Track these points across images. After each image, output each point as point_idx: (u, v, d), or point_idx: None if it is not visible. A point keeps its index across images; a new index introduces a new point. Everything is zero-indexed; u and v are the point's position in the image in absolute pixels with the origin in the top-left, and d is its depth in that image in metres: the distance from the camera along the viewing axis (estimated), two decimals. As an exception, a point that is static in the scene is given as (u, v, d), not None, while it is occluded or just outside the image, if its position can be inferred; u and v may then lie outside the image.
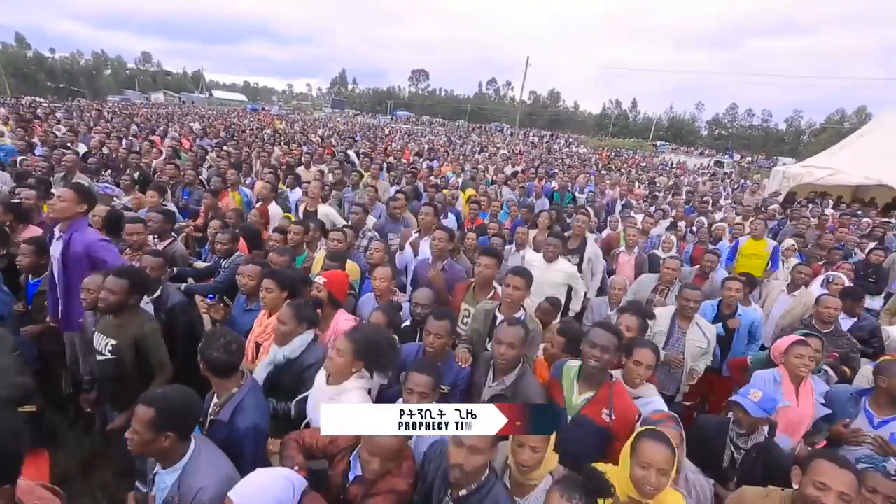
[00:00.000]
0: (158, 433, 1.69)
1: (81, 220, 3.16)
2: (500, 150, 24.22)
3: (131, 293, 2.52)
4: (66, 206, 3.05)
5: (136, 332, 2.52)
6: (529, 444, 1.80)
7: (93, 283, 2.77)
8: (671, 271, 4.46)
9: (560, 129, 68.40)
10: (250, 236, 4.39)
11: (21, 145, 7.92)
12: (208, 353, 2.08)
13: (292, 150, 11.34)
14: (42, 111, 18.77)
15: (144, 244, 3.83)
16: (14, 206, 4.13)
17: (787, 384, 2.70)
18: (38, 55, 71.23)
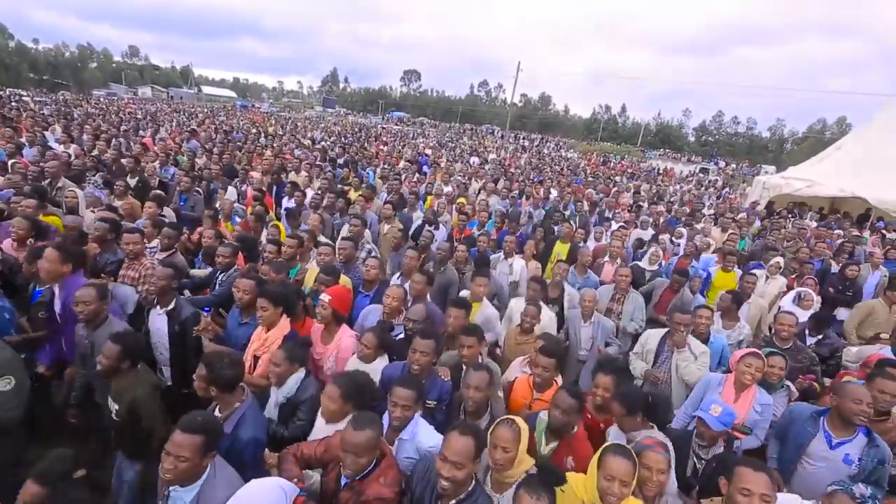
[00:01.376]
0: (205, 456, 1.84)
1: (74, 276, 3.29)
2: (491, 155, 24.49)
3: (123, 358, 2.60)
4: (51, 267, 3.16)
5: (130, 399, 2.59)
6: (500, 445, 2.04)
7: (86, 295, 2.92)
8: (624, 278, 4.72)
9: (550, 133, 69.01)
10: (248, 247, 4.52)
11: (10, 148, 7.88)
12: (218, 370, 2.22)
13: (285, 155, 11.40)
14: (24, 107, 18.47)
15: (141, 254, 3.94)
16: (37, 224, 4.21)
17: (728, 386, 3.01)
18: (20, 45, 69.47)
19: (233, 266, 3.96)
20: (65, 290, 3.25)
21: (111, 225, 4.12)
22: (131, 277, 3.87)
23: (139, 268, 3.89)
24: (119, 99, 39.79)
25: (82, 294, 2.89)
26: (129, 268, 3.93)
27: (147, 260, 3.96)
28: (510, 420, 2.11)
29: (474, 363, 3.08)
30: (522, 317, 3.74)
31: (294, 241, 4.23)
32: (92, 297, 2.88)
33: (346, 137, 20.64)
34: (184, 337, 3.19)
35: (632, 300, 4.79)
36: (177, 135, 14.20)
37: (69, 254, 3.26)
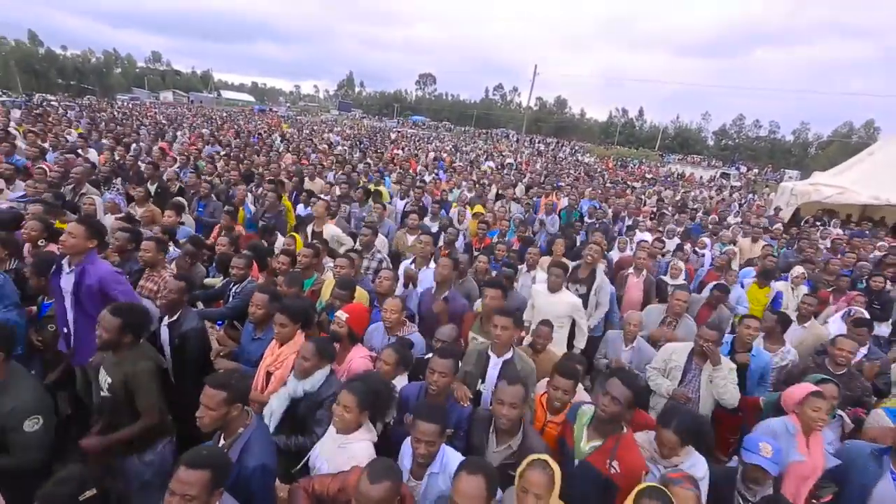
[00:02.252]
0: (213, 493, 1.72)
1: (92, 253, 3.18)
2: (507, 160, 24.27)
3: (124, 332, 2.51)
4: (77, 242, 3.06)
5: (127, 371, 2.50)
6: (532, 491, 1.84)
7: (108, 322, 2.78)
8: (680, 303, 4.43)
9: (566, 136, 68.42)
10: (259, 257, 4.41)
11: (33, 153, 7.98)
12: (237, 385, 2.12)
13: (300, 159, 11.38)
14: (53, 111, 18.95)
15: (158, 263, 3.85)
16: (49, 225, 4.17)
17: (800, 436, 2.65)
18: (49, 52, 71.95)
19: (247, 277, 3.85)
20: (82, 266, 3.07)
21: (131, 234, 4.06)
22: (150, 290, 3.77)
23: (158, 279, 3.80)
24: (141, 104, 40.69)
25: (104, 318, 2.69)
26: (148, 278, 3.84)
27: (167, 272, 3.85)
28: (543, 462, 1.91)
29: (506, 349, 2.92)
30: (534, 336, 3.55)
31: (309, 251, 4.11)
32: (114, 326, 2.57)
33: (361, 142, 20.65)
34: (183, 350, 3.06)
35: (685, 327, 4.47)
36: (196, 139, 14.34)
37: (95, 228, 3.18)
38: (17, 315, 3.23)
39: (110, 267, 3.26)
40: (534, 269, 5.40)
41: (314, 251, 4.16)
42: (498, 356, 2.94)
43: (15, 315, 3.22)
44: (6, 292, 3.16)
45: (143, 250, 3.71)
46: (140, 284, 3.82)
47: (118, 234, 4.03)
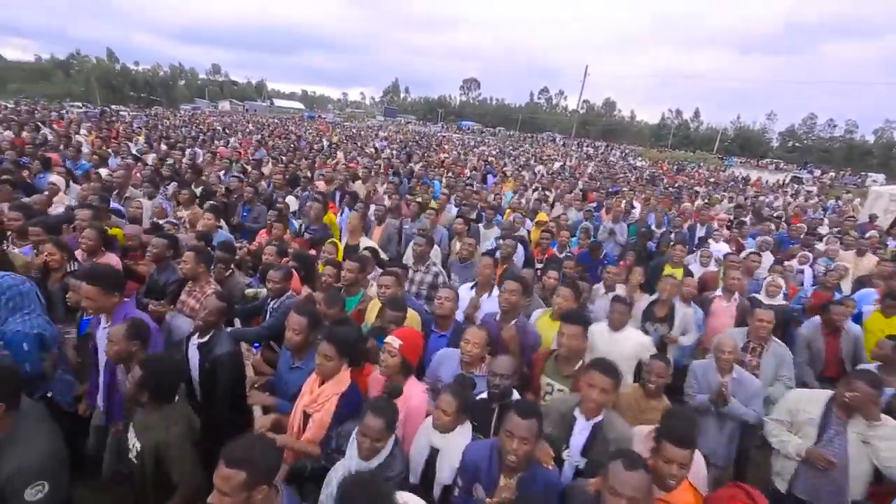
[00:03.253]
0: None
1: (125, 305, 2.87)
2: (556, 164, 23.30)
3: (142, 388, 2.17)
4: (97, 303, 2.74)
5: (159, 439, 2.12)
6: None
7: (113, 334, 2.48)
8: (765, 325, 3.59)
9: (615, 140, 65.80)
10: (305, 268, 4.00)
11: (95, 160, 8.17)
12: None
13: (349, 164, 11.15)
14: (122, 121, 20.11)
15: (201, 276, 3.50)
16: (106, 235, 3.99)
17: None
18: (124, 68, 78.28)
19: (285, 292, 3.42)
20: (115, 320, 2.79)
21: (170, 241, 3.76)
22: (190, 307, 3.43)
23: (200, 295, 3.43)
24: (201, 112, 42.99)
25: (111, 331, 2.45)
26: (189, 293, 3.51)
27: (210, 287, 3.47)
28: None
29: (597, 412, 2.31)
30: (646, 373, 2.87)
31: (355, 264, 3.62)
32: (118, 336, 2.40)
33: (408, 146, 20.43)
34: (213, 377, 2.65)
35: (774, 353, 3.66)
36: (248, 144, 14.58)
37: (109, 284, 2.81)
38: (43, 322, 2.96)
39: (147, 318, 2.92)
40: (612, 290, 4.67)
41: (360, 264, 3.67)
42: (587, 418, 2.31)
43: (41, 321, 2.95)
44: (30, 299, 2.88)
45: (183, 261, 3.38)
46: (181, 300, 3.50)
47: (155, 241, 3.74)
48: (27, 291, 2.87)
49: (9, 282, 2.80)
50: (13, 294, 2.80)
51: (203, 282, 3.48)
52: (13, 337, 2.80)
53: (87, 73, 70.63)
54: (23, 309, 2.84)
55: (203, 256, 3.49)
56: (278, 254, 4.38)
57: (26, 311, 2.85)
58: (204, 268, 3.49)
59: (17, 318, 2.82)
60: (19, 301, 2.82)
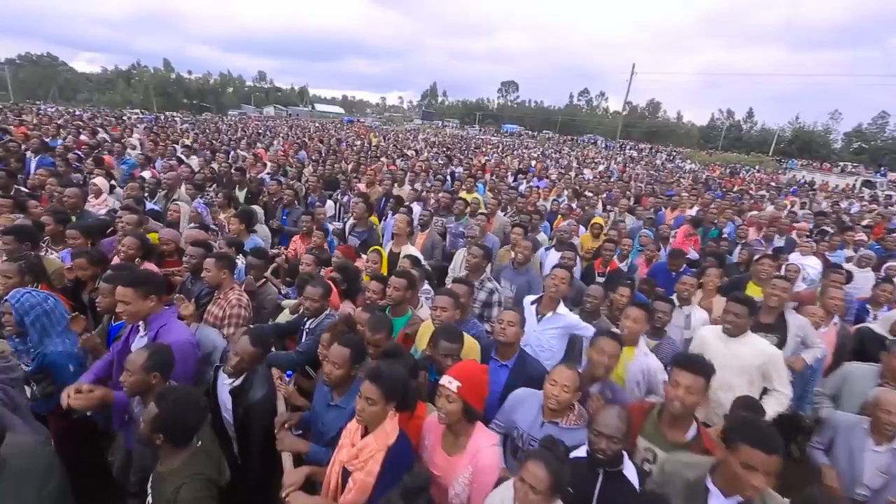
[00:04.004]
0: None
1: (163, 313, 2.58)
2: (600, 167, 22.25)
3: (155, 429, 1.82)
4: (133, 308, 2.46)
5: (169, 498, 1.74)
6: None
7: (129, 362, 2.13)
8: None
9: (659, 142, 63.00)
10: (348, 280, 3.58)
11: (140, 160, 8.22)
12: None
13: (391, 165, 10.82)
14: (173, 126, 20.88)
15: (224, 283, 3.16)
16: (146, 243, 3.78)
17: None
18: (179, 77, 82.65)
19: (324, 310, 3.01)
20: (153, 329, 2.52)
21: (206, 249, 3.47)
22: (215, 315, 3.13)
23: (224, 303, 3.14)
24: (247, 117, 44.56)
25: (128, 359, 2.11)
26: (214, 302, 3.21)
27: (234, 293, 3.17)
28: None
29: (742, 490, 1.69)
30: None
31: (402, 280, 3.16)
32: (136, 365, 2.07)
33: (448, 149, 20.04)
34: (247, 424, 2.27)
35: None
36: (290, 146, 14.62)
37: (146, 286, 2.51)
38: (68, 344, 2.69)
39: (186, 337, 2.60)
40: (688, 304, 4.03)
41: (408, 280, 3.20)
42: (727, 493, 1.72)
43: (67, 345, 2.67)
44: (57, 316, 2.61)
45: (205, 269, 3.05)
46: (208, 310, 3.18)
47: (191, 250, 3.45)
48: (52, 309, 2.60)
49: (31, 300, 2.54)
50: (38, 314, 2.54)
51: (227, 288, 3.15)
52: (57, 358, 2.57)
53: (146, 82, 75.05)
54: (55, 326, 2.58)
55: (224, 262, 3.15)
56: (317, 262, 4.02)
57: (60, 329, 2.60)
58: (227, 274, 3.16)
59: (54, 338, 2.57)
60: (47, 321, 2.57)
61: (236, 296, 3.10)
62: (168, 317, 2.59)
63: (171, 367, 2.19)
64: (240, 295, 3.11)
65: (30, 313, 2.50)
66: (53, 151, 8.23)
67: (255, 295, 3.50)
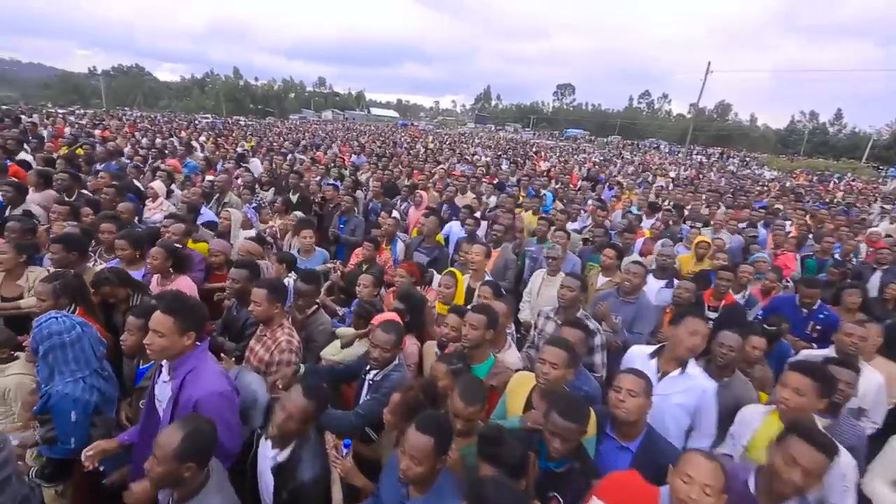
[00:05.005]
0: None
1: (194, 352, 2.07)
2: (670, 173, 20.52)
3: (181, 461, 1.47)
4: (167, 342, 1.97)
5: None
6: None
7: (164, 447, 1.61)
8: None
9: (730, 146, 58.38)
10: (413, 310, 2.96)
11: (202, 164, 8.21)
12: None
13: (451, 172, 10.22)
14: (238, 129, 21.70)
15: (274, 319, 2.64)
16: (174, 252, 3.42)
17: None
18: (246, 83, 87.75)
19: (393, 360, 2.39)
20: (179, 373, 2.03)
21: (251, 271, 3.00)
22: (259, 357, 2.59)
23: (271, 344, 2.58)
24: (306, 121, 46.15)
25: (159, 439, 1.60)
26: (259, 339, 2.69)
27: (284, 333, 2.61)
28: None
29: None
30: None
31: (481, 317, 2.47)
32: (165, 451, 1.55)
33: (507, 152, 19.24)
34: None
35: None
36: (347, 149, 14.50)
37: (187, 318, 2.02)
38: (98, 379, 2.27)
39: (223, 381, 2.10)
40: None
41: (489, 316, 2.51)
42: None
43: (94, 380, 2.26)
44: (79, 350, 2.19)
45: (254, 302, 2.54)
46: (249, 345, 2.68)
47: (235, 273, 2.99)
48: (74, 340, 2.17)
49: (53, 328, 2.13)
50: (53, 345, 2.12)
51: (275, 324, 2.62)
52: (60, 402, 2.12)
53: (218, 89, 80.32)
54: (68, 363, 2.15)
55: (277, 296, 2.61)
56: (375, 284, 3.46)
57: (75, 367, 2.17)
58: (279, 309, 2.63)
59: (66, 376, 2.14)
60: (60, 354, 2.13)
61: (286, 337, 2.55)
62: (198, 358, 2.08)
63: (210, 453, 1.67)
64: (290, 335, 2.57)
65: (45, 342, 2.09)
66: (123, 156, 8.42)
67: (304, 324, 2.98)
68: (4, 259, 3.20)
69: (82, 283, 2.75)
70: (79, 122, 18.65)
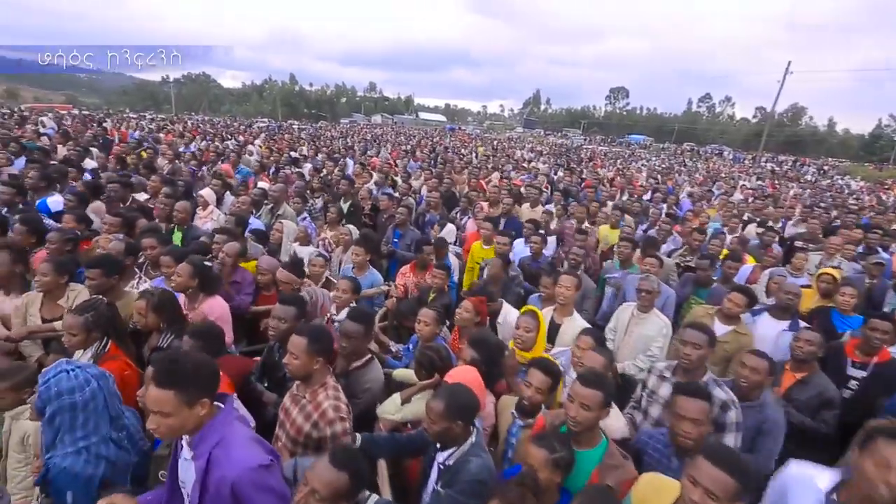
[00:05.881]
0: None
1: (219, 417, 1.62)
2: (741, 182, 18.76)
3: None
4: (172, 422, 1.50)
5: None
6: None
7: None
8: None
9: (805, 153, 53.65)
10: (488, 361, 2.39)
11: (256, 167, 8.10)
12: None
13: (514, 180, 9.56)
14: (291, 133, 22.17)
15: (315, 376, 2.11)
16: (203, 271, 3.06)
17: None
18: (301, 89, 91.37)
19: (469, 435, 1.82)
20: (202, 450, 1.56)
21: (298, 309, 2.55)
22: (297, 427, 2.05)
23: (312, 409, 2.04)
24: (356, 125, 47.01)
25: None
26: (295, 400, 2.15)
27: (328, 398, 2.05)
28: None
29: None
30: None
31: (597, 393, 1.81)
32: None
33: (559, 158, 18.34)
34: None
35: None
36: (398, 154, 14.23)
37: (198, 385, 1.55)
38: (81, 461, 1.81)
39: (258, 451, 1.63)
40: None
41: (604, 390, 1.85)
42: None
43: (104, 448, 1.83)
44: (90, 413, 1.78)
45: (290, 354, 2.02)
46: (283, 405, 2.18)
47: (279, 311, 2.53)
48: (88, 400, 1.76)
49: (63, 385, 1.73)
50: (62, 407, 1.72)
51: (316, 383, 2.09)
52: (57, 477, 1.71)
53: (275, 95, 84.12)
54: (75, 429, 1.75)
55: (321, 347, 2.08)
56: (440, 323, 2.92)
57: (81, 435, 1.76)
58: (322, 365, 2.09)
59: (67, 445, 1.74)
60: (69, 418, 1.73)
61: (332, 402, 2.01)
62: (224, 424, 1.61)
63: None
64: (337, 398, 2.04)
65: (52, 402, 1.71)
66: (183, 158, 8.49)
67: (350, 376, 2.46)
68: (45, 281, 2.96)
69: (116, 315, 2.41)
70: (148, 126, 19.70)
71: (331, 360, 2.27)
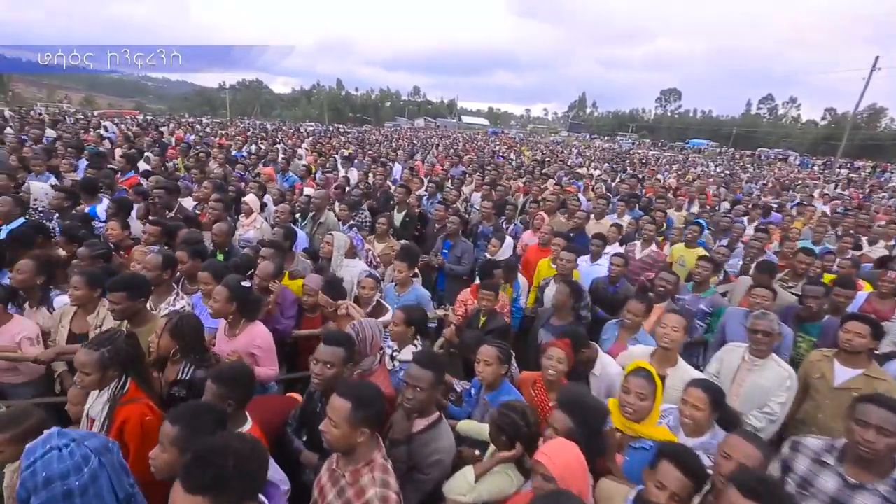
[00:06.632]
0: None
1: None
2: (816, 191, 16.96)
3: None
4: None
5: None
6: None
7: None
8: None
9: (884, 159, 48.73)
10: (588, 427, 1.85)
11: (303, 172, 7.90)
12: None
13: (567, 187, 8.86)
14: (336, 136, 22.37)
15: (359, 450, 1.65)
16: (241, 294, 2.69)
17: None
18: (348, 94, 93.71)
19: None
20: None
21: (347, 350, 2.09)
22: None
23: (353, 497, 1.58)
24: (400, 129, 47.39)
25: None
26: (334, 478, 1.63)
27: (373, 479, 1.60)
28: None
29: None
30: None
31: (684, 482, 1.32)
32: None
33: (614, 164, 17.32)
34: None
35: None
36: (444, 159, 13.83)
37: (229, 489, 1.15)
38: None
39: None
40: None
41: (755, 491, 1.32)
42: None
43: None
44: (90, 498, 1.39)
45: (330, 420, 1.58)
46: (319, 483, 1.73)
47: (327, 354, 2.06)
48: (87, 484, 1.36)
49: (53, 470, 1.34)
50: (54, 496, 1.32)
51: (361, 460, 1.62)
52: None
53: (322, 99, 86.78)
54: None
55: (368, 415, 1.61)
56: (503, 362, 2.40)
57: None
58: (367, 437, 1.62)
59: None
60: None
61: (379, 491, 1.53)
62: None
63: None
64: (385, 481, 1.56)
65: (40, 492, 1.32)
66: (237, 162, 8.43)
67: (413, 442, 1.95)
68: (79, 296, 2.72)
69: (137, 348, 2.06)
70: (204, 130, 20.45)
71: (381, 427, 1.80)
